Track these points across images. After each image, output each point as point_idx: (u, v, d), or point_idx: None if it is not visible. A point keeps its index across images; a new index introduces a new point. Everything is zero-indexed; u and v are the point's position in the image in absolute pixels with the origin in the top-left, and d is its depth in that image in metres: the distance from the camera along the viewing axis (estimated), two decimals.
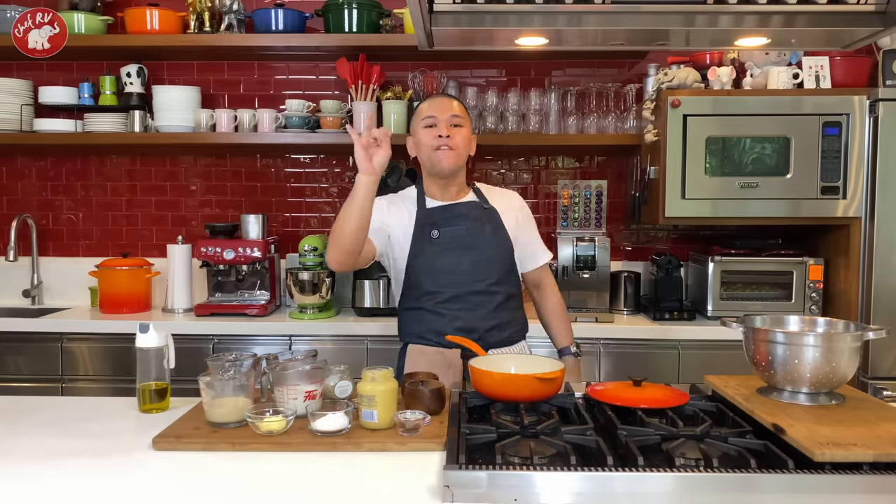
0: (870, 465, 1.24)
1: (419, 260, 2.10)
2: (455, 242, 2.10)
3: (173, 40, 3.22)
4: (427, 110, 2.14)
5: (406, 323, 2.18)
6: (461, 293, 2.09)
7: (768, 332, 1.56)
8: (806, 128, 2.87)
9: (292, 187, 3.54)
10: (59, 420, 1.70)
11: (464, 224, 2.12)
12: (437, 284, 2.09)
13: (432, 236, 2.10)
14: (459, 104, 2.17)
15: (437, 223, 2.11)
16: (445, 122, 2.10)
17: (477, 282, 2.10)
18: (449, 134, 2.08)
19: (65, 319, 3.05)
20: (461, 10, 1.57)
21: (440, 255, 2.09)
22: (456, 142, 2.09)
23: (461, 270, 2.09)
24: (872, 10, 1.53)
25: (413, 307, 2.14)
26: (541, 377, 1.59)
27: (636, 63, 3.42)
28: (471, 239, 2.11)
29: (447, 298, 2.09)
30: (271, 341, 2.97)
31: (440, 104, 2.14)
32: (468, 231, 2.12)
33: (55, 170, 3.56)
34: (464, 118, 2.14)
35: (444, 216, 2.13)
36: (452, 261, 2.09)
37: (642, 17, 1.57)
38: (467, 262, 2.09)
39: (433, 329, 2.09)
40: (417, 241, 2.11)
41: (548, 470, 1.26)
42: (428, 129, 2.11)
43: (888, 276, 2.80)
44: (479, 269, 2.10)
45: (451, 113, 2.11)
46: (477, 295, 2.10)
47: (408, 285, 2.15)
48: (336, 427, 1.52)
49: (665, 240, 3.50)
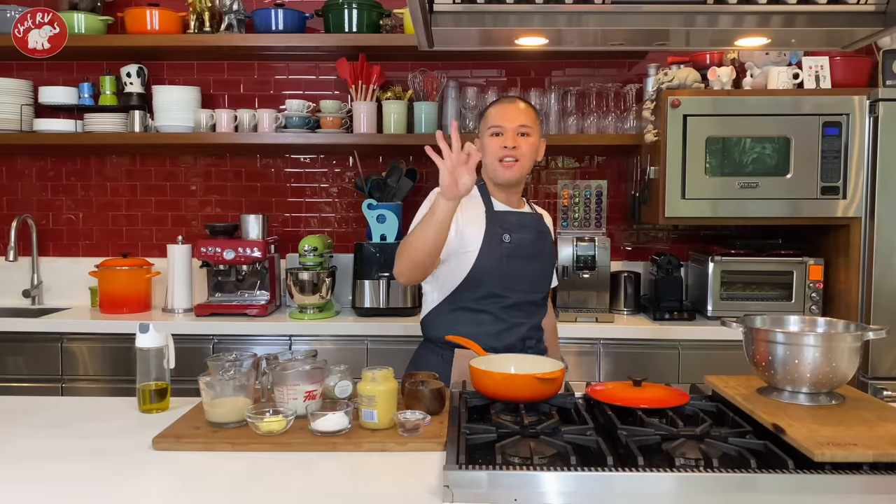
0: (870, 465, 1.24)
1: (489, 261, 2.06)
2: (523, 250, 2.10)
3: (173, 40, 3.22)
4: (494, 118, 2.09)
5: (459, 322, 2.07)
6: (521, 301, 2.10)
7: (768, 332, 1.56)
8: (806, 128, 2.87)
9: (292, 187, 3.54)
10: (59, 420, 1.71)
11: (530, 234, 2.13)
12: (502, 288, 2.07)
13: (504, 240, 2.08)
14: (528, 109, 2.12)
15: (508, 228, 2.09)
16: (512, 132, 2.06)
17: (534, 292, 2.13)
18: (515, 145, 2.06)
19: (65, 319, 3.05)
20: (461, 10, 1.57)
21: (509, 261, 2.08)
22: (522, 151, 2.07)
23: (524, 278, 2.10)
24: (872, 10, 1.53)
25: (472, 308, 2.07)
26: (541, 377, 1.59)
27: (636, 63, 3.42)
28: (535, 249, 2.13)
29: (510, 304, 2.08)
30: (271, 341, 2.97)
31: (508, 112, 2.08)
32: (533, 241, 2.13)
33: (55, 170, 3.56)
34: (532, 126, 2.09)
35: (514, 222, 2.11)
36: (517, 268, 2.08)
37: (642, 17, 1.57)
38: (530, 272, 2.11)
39: (494, 334, 2.05)
40: (489, 241, 2.06)
41: (548, 470, 1.26)
42: (494, 137, 2.08)
43: (888, 276, 2.80)
44: (537, 280, 2.14)
45: (518, 122, 2.06)
46: (531, 305, 2.13)
47: (470, 284, 2.06)
48: (336, 427, 1.52)
49: (665, 240, 3.50)
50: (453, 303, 2.09)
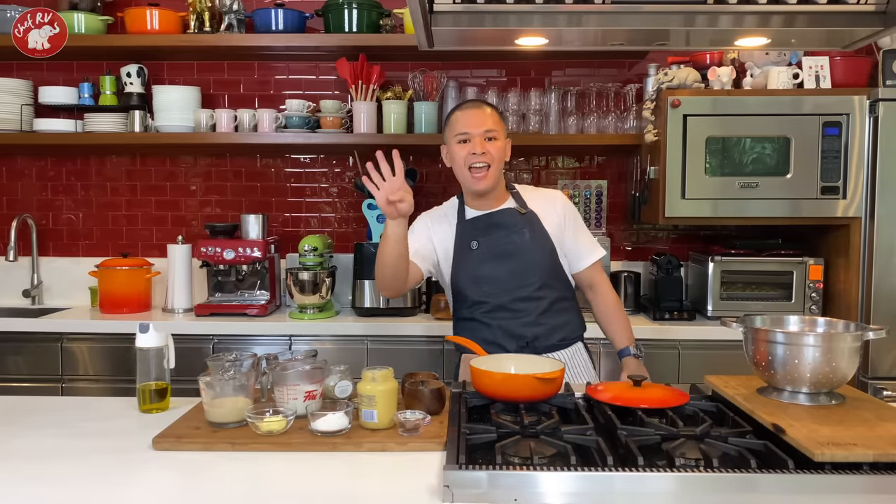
0: (870, 465, 1.24)
1: (462, 271, 2.12)
2: (493, 251, 2.10)
3: (173, 40, 3.22)
4: (460, 124, 2.09)
5: (459, 332, 2.18)
6: (504, 302, 2.09)
7: (768, 332, 1.56)
8: (806, 128, 2.87)
9: (292, 187, 3.54)
10: (59, 420, 1.71)
11: (501, 232, 2.11)
12: (480, 294, 2.10)
13: (472, 247, 2.10)
14: (493, 112, 2.12)
15: (477, 234, 2.12)
16: (480, 138, 2.06)
17: (519, 288, 2.09)
18: (484, 150, 2.06)
19: (65, 319, 3.05)
20: (461, 10, 1.57)
21: (480, 266, 2.09)
22: (491, 156, 2.07)
23: (501, 279, 2.09)
24: (872, 10, 1.53)
25: (465, 317, 2.16)
26: (541, 377, 1.59)
27: (636, 63, 3.42)
28: (509, 246, 2.10)
29: (492, 308, 2.10)
30: (271, 341, 2.97)
31: (473, 118, 2.08)
32: (505, 238, 2.11)
33: (55, 170, 3.56)
34: (498, 129, 2.10)
35: (482, 226, 2.13)
36: (491, 270, 2.09)
37: (642, 17, 1.57)
38: (506, 270, 2.09)
39: (481, 338, 2.08)
40: (459, 253, 2.12)
41: (548, 470, 1.26)
42: (461, 144, 2.09)
43: (888, 276, 2.80)
44: (519, 276, 2.09)
45: (484, 128, 2.07)
46: (521, 302, 2.09)
47: (457, 297, 2.18)
48: (336, 427, 1.52)
49: (665, 240, 3.50)
50: (456, 314, 2.21)
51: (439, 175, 3.47)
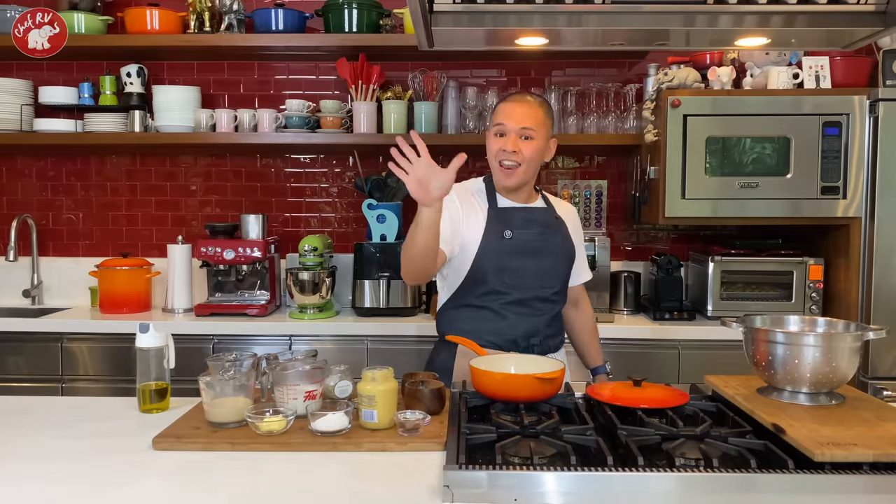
0: (870, 465, 1.24)
1: (489, 258, 2.05)
2: (526, 246, 2.06)
3: (173, 40, 3.22)
4: (499, 115, 2.04)
5: (459, 320, 2.10)
6: (526, 297, 2.07)
7: (768, 332, 1.56)
8: (806, 128, 2.87)
9: (292, 187, 3.54)
10: (59, 420, 1.71)
11: (536, 229, 2.09)
12: (503, 285, 2.06)
13: (505, 236, 2.05)
14: (536, 109, 2.03)
15: (511, 224, 2.07)
16: (514, 135, 2.00)
17: (542, 288, 2.08)
18: (515, 149, 1.99)
19: (65, 319, 3.05)
20: (461, 10, 1.57)
21: (511, 257, 2.05)
22: (522, 156, 2.00)
23: (528, 274, 2.06)
24: (872, 10, 1.53)
25: (473, 305, 2.08)
26: (541, 377, 1.59)
27: (636, 63, 3.42)
28: (541, 244, 2.08)
29: (512, 301, 2.06)
30: (271, 341, 2.97)
31: (513, 112, 2.02)
32: (539, 236, 2.08)
33: (55, 170, 3.56)
34: (537, 128, 2.01)
35: (518, 218, 2.08)
36: (521, 264, 2.06)
37: (642, 17, 1.57)
38: (535, 268, 2.07)
39: (495, 330, 2.05)
40: (489, 238, 2.05)
41: (548, 470, 1.26)
42: (496, 137, 2.04)
43: (888, 276, 2.80)
44: (545, 276, 2.09)
45: (521, 125, 2.00)
46: (540, 301, 2.08)
47: (472, 281, 2.07)
48: (336, 427, 1.52)
49: (665, 240, 3.50)
50: (458, 300, 2.11)
51: None
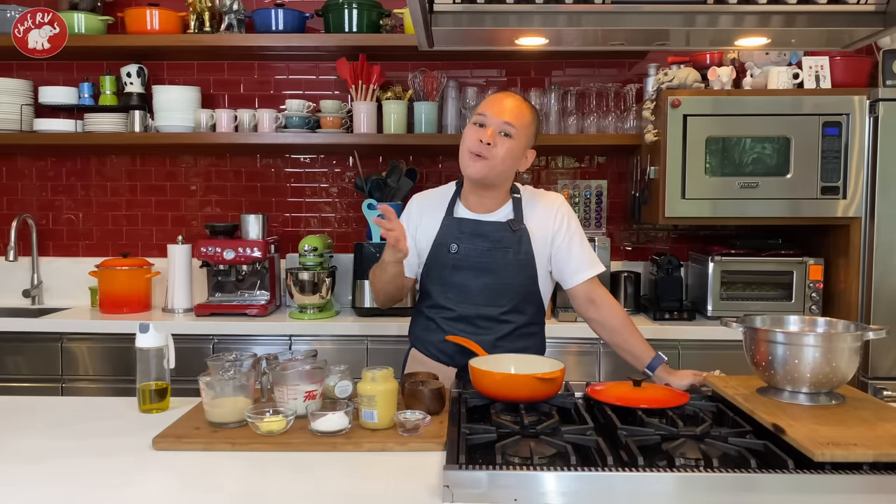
0: (870, 465, 1.24)
1: (434, 272, 2.02)
2: (469, 262, 1.97)
3: (173, 40, 3.22)
4: (483, 106, 1.96)
5: (415, 325, 2.15)
6: (468, 314, 1.99)
7: (768, 332, 1.56)
8: (806, 128, 2.87)
9: (292, 187, 3.53)
10: (59, 420, 1.71)
11: (483, 245, 1.97)
12: (446, 300, 2.01)
13: (450, 249, 1.98)
14: (520, 109, 1.95)
15: (459, 237, 1.99)
16: (494, 128, 1.91)
17: (487, 307, 1.98)
18: (490, 142, 1.89)
19: (65, 319, 3.05)
20: (461, 10, 1.57)
21: (453, 272, 1.99)
22: (495, 152, 1.90)
23: (471, 292, 1.98)
24: (872, 10, 1.53)
25: (425, 315, 2.08)
26: (541, 377, 1.59)
27: (636, 63, 3.42)
28: (487, 261, 1.97)
29: (454, 317, 2.01)
30: (271, 341, 2.97)
31: (497, 105, 1.94)
32: (486, 252, 1.97)
33: (55, 170, 3.56)
34: (518, 128, 1.92)
35: (466, 231, 1.99)
36: (463, 280, 1.98)
37: (642, 17, 1.57)
38: (479, 285, 1.98)
39: (435, 343, 2.05)
40: (436, 250, 2.01)
41: (548, 470, 1.26)
42: (474, 126, 1.94)
43: (888, 276, 2.80)
44: (490, 295, 1.98)
45: (502, 119, 1.91)
46: (485, 320, 1.99)
47: (423, 291, 2.09)
48: (336, 427, 1.52)
49: (665, 240, 3.50)
50: (418, 305, 2.16)
51: (440, 175, 3.47)
